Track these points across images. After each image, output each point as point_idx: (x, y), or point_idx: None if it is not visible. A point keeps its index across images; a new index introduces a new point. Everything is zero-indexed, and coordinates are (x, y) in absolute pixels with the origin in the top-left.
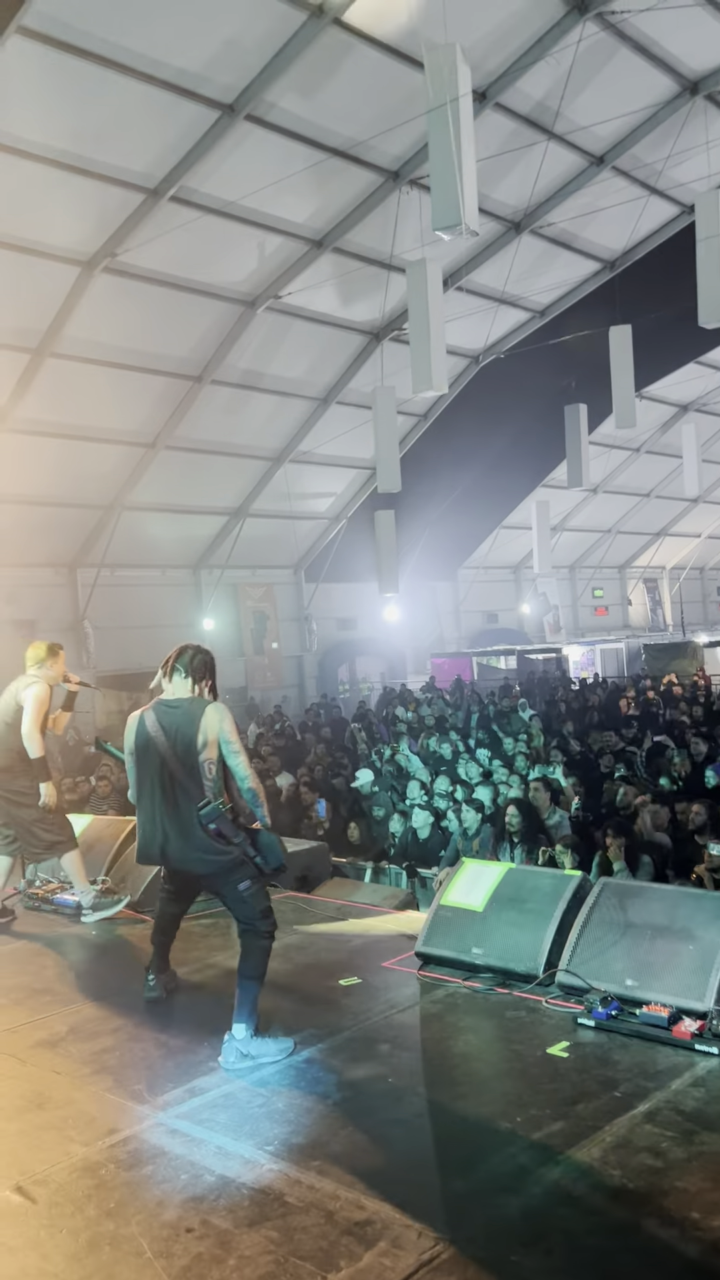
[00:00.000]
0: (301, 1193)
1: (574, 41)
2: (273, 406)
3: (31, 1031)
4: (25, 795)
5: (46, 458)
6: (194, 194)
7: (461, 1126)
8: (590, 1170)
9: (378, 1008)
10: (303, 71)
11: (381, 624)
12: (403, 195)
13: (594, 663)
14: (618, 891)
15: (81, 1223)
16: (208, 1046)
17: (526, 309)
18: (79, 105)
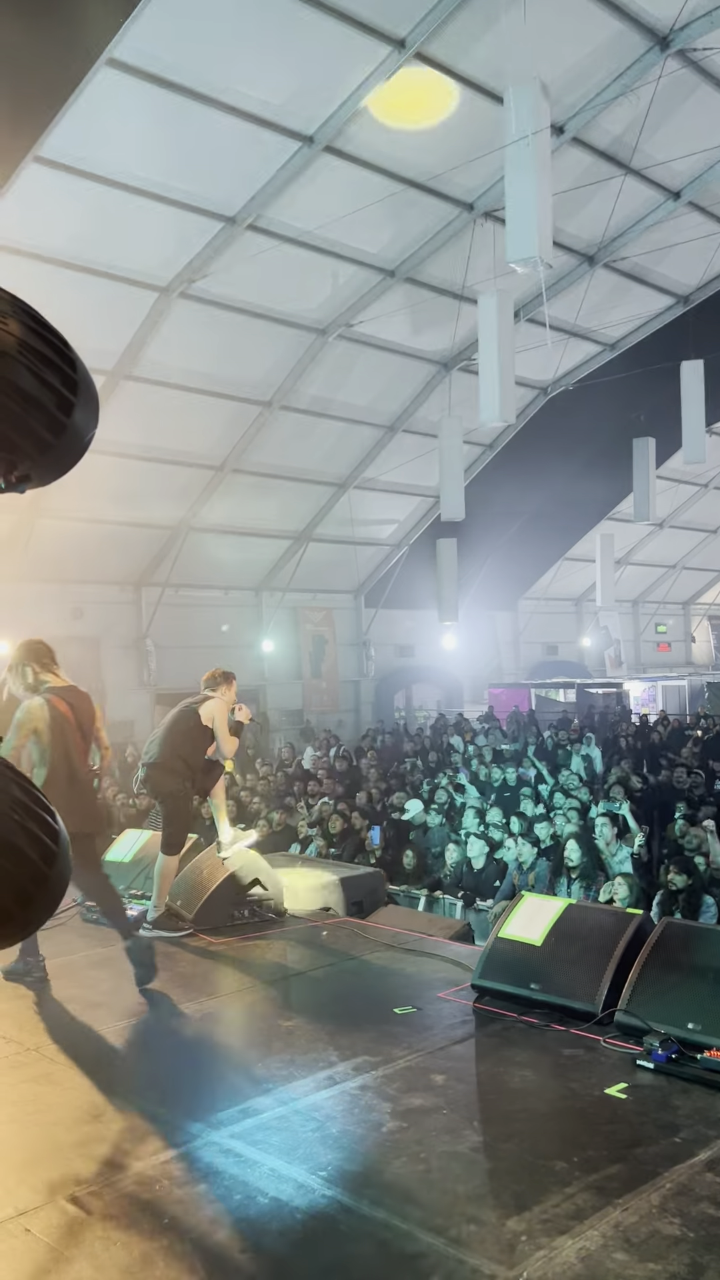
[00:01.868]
0: (355, 1221)
1: (654, 78)
2: (340, 433)
3: (88, 1044)
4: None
5: (118, 477)
6: (272, 223)
7: (517, 1163)
8: (649, 1216)
9: (433, 1038)
10: (383, 104)
11: (440, 652)
12: (477, 227)
13: (655, 699)
14: (680, 932)
15: (135, 1237)
16: (262, 1067)
17: (597, 342)
18: (164, 135)
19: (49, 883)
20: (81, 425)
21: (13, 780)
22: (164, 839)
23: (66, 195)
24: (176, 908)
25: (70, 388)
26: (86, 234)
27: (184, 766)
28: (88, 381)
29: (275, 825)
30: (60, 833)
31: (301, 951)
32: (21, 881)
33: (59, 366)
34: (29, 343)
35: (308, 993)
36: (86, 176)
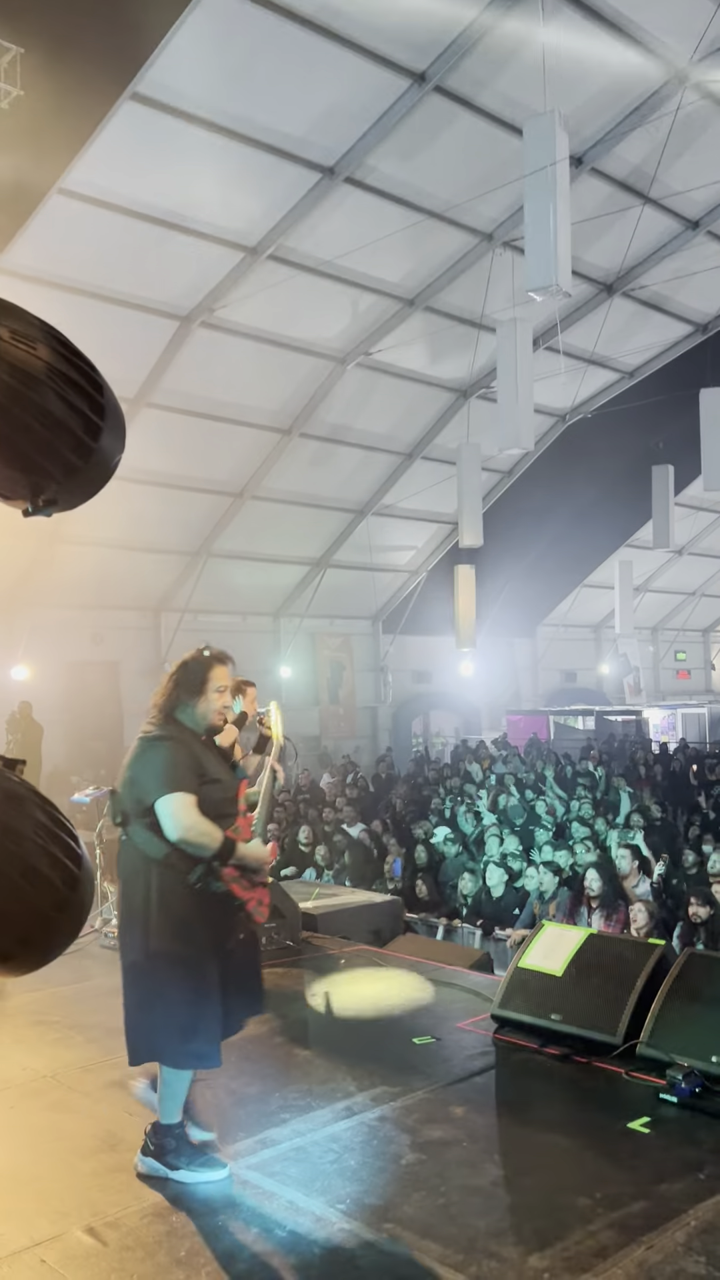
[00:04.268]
0: (373, 1256)
1: (672, 109)
2: (358, 460)
3: (105, 1071)
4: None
5: (137, 504)
6: (291, 253)
7: (538, 1199)
8: (674, 1255)
9: (452, 1069)
10: (403, 136)
11: (457, 678)
12: (496, 256)
13: (675, 727)
14: (703, 963)
15: (152, 1269)
16: (279, 1097)
17: (616, 370)
18: (185, 167)
19: (71, 907)
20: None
21: (36, 803)
22: None
23: (90, 226)
24: None
25: (98, 412)
26: (109, 264)
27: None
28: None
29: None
30: (83, 857)
31: (319, 980)
32: (44, 906)
33: (87, 391)
34: (57, 368)
35: (325, 1022)
36: (109, 208)
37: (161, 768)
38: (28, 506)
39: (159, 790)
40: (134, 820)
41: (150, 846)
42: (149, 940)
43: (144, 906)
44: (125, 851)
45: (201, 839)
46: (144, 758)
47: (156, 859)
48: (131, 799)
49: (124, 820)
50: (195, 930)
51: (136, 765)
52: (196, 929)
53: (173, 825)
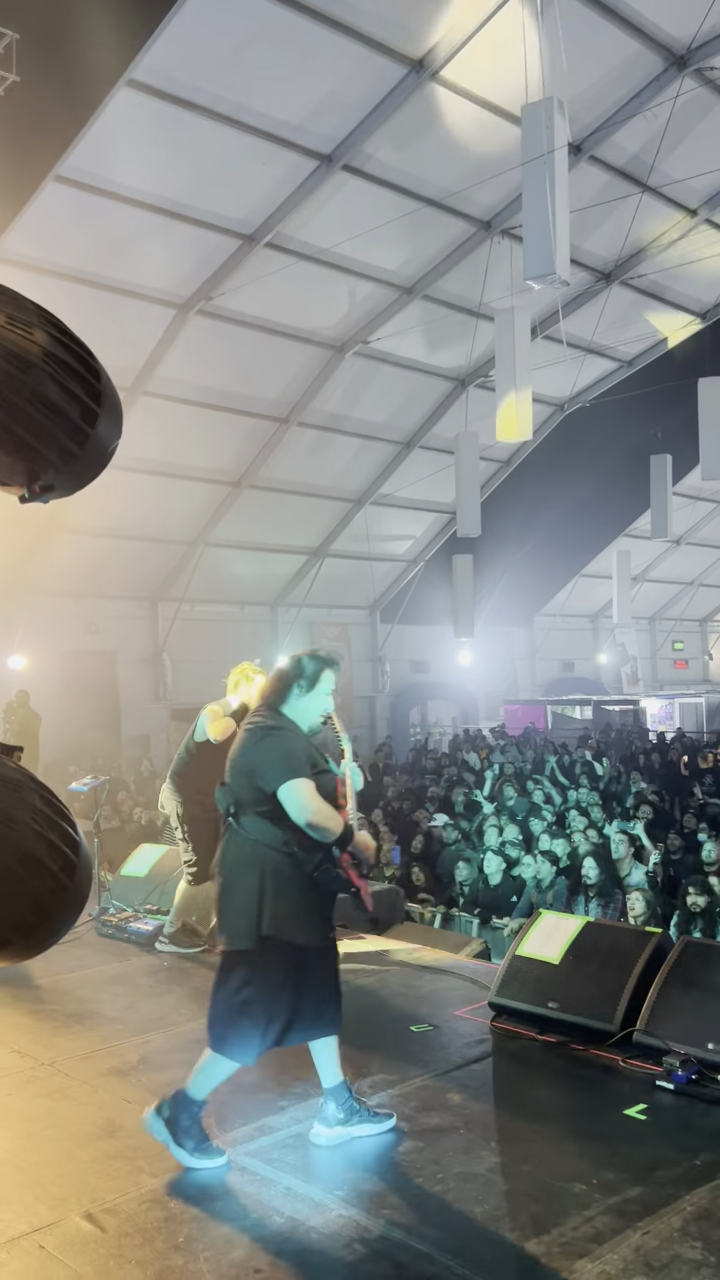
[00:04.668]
0: (371, 1242)
1: (671, 97)
2: (356, 449)
3: (103, 1059)
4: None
5: (134, 493)
6: (289, 240)
7: (535, 1185)
8: (670, 1240)
9: (450, 1057)
10: (400, 124)
11: (455, 668)
12: (494, 244)
13: (672, 716)
14: (700, 951)
15: (150, 1255)
16: (277, 1085)
17: (614, 359)
18: (182, 154)
19: (69, 895)
20: (105, 436)
21: (34, 789)
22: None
23: (86, 213)
24: (192, 924)
25: (95, 398)
26: (105, 251)
27: (193, 790)
28: (111, 393)
29: None
30: (81, 844)
31: None
32: (41, 893)
33: (84, 377)
34: (54, 353)
35: None
36: (106, 195)
37: (282, 755)
38: (24, 492)
39: (282, 776)
40: (248, 809)
41: (265, 835)
42: (260, 927)
43: (257, 895)
44: (234, 841)
45: (328, 823)
46: (261, 746)
47: (273, 847)
48: (248, 787)
49: (235, 810)
50: (307, 920)
51: (252, 753)
52: (308, 919)
53: (300, 810)
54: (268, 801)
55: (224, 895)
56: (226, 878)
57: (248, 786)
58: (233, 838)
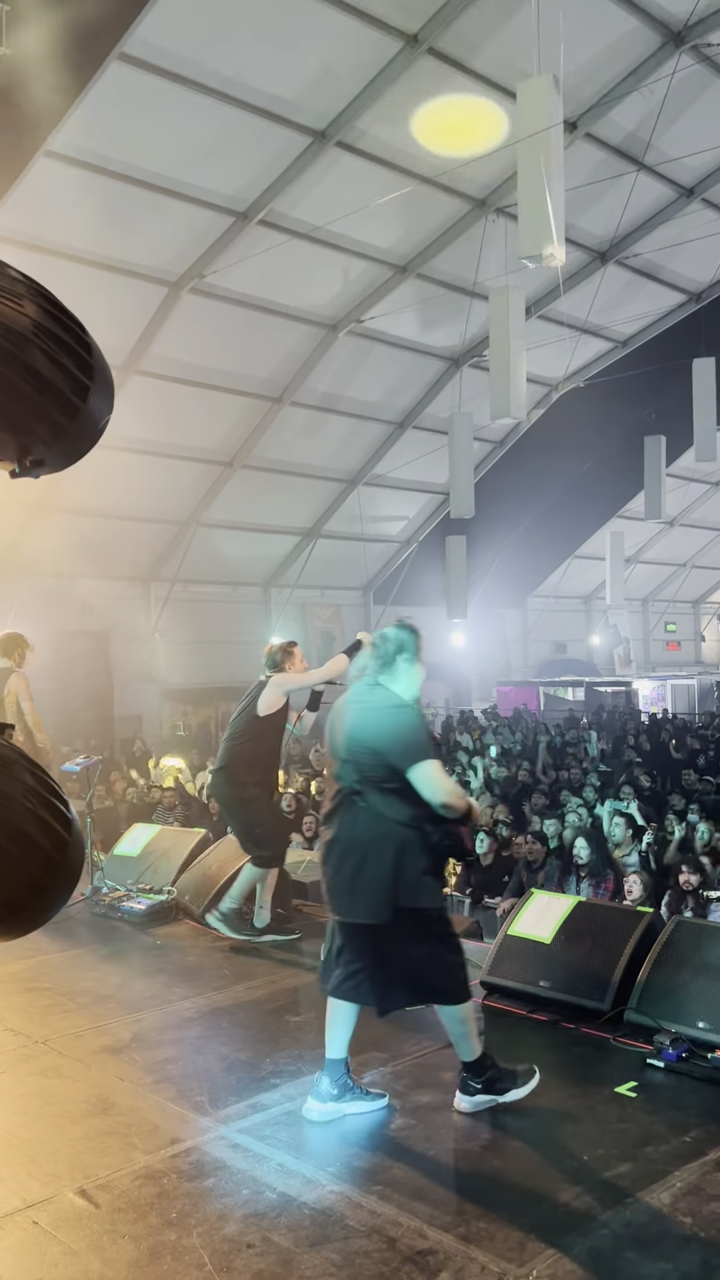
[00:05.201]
0: (363, 1217)
1: (668, 74)
2: (349, 429)
3: (96, 1037)
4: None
5: (126, 473)
6: (282, 218)
7: (527, 1161)
8: (660, 1215)
9: (441, 1034)
10: (395, 99)
11: (448, 649)
12: (489, 223)
13: (664, 698)
14: (691, 931)
15: (144, 1230)
16: (270, 1063)
17: (608, 339)
18: (174, 130)
19: (61, 872)
20: (96, 410)
21: (25, 766)
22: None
23: (77, 189)
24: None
25: (85, 372)
26: (97, 228)
27: (247, 769)
28: (103, 366)
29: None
30: (73, 821)
31: (310, 946)
32: (33, 871)
33: (74, 350)
34: (45, 326)
35: (316, 988)
36: (97, 171)
37: (412, 735)
38: (15, 468)
39: (415, 757)
40: (374, 786)
41: (394, 810)
42: (396, 898)
43: (392, 867)
44: (361, 817)
45: (458, 801)
46: (389, 724)
47: (401, 821)
48: (376, 764)
49: (361, 787)
50: (435, 886)
51: (379, 731)
52: (435, 885)
53: (434, 790)
54: (396, 778)
55: (353, 870)
56: (354, 853)
57: (376, 764)
58: (359, 814)
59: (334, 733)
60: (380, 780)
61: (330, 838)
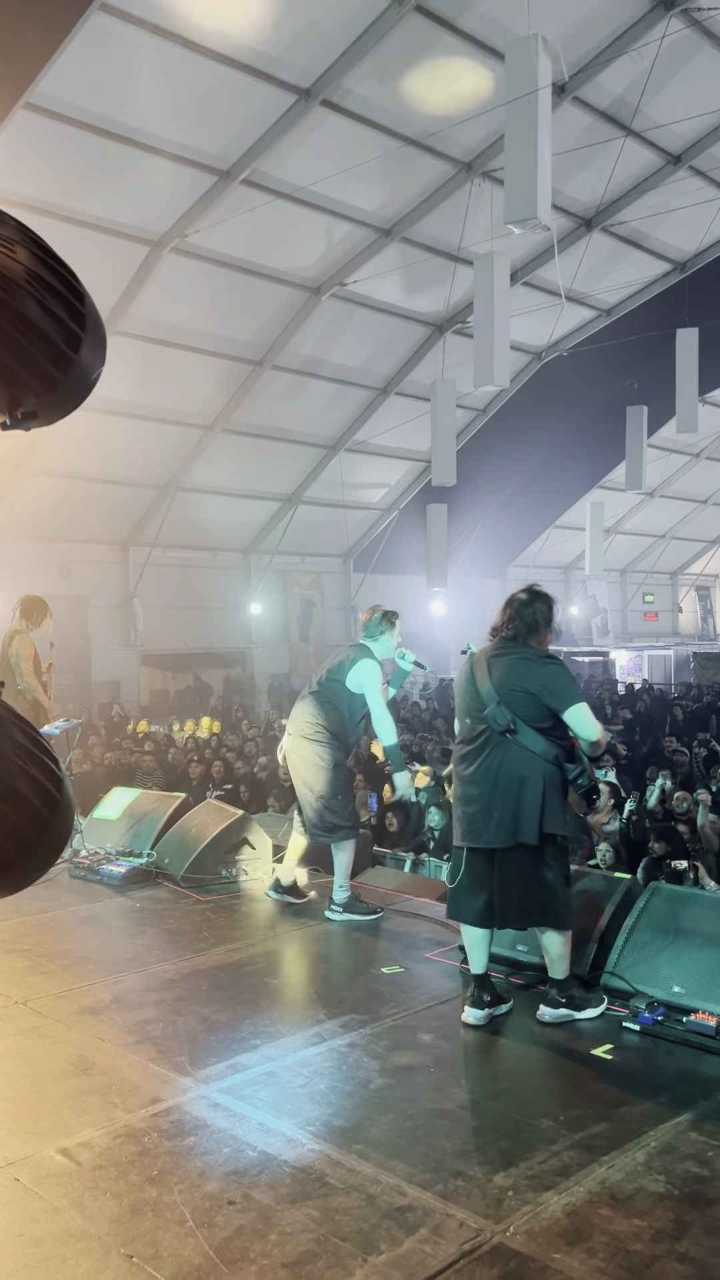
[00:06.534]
0: (342, 1175)
1: (657, 37)
2: (331, 394)
3: (76, 998)
4: (319, 768)
5: (105, 435)
6: (266, 178)
7: (504, 1121)
8: (634, 1174)
9: (420, 998)
10: (381, 58)
11: (427, 618)
12: (474, 187)
13: (641, 668)
14: (668, 897)
15: (125, 1187)
16: (250, 1024)
17: (593, 307)
18: (155, 84)
19: (52, 830)
20: (88, 362)
21: (15, 724)
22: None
23: (57, 143)
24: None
25: (78, 322)
26: (77, 184)
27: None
28: (95, 316)
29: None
30: (64, 779)
31: (289, 910)
32: (23, 828)
33: (67, 299)
34: (37, 273)
35: (296, 952)
36: (77, 125)
37: (568, 681)
38: (5, 419)
39: (573, 700)
40: (527, 725)
41: (542, 748)
42: (543, 825)
43: (540, 799)
44: (512, 752)
45: (604, 738)
46: (544, 671)
47: (548, 758)
48: (532, 705)
49: (512, 726)
50: (567, 818)
51: (541, 676)
52: (567, 817)
53: (591, 728)
54: (550, 719)
55: (509, 800)
56: (509, 785)
57: (532, 705)
58: (510, 750)
59: (475, 682)
60: (533, 720)
61: (474, 773)
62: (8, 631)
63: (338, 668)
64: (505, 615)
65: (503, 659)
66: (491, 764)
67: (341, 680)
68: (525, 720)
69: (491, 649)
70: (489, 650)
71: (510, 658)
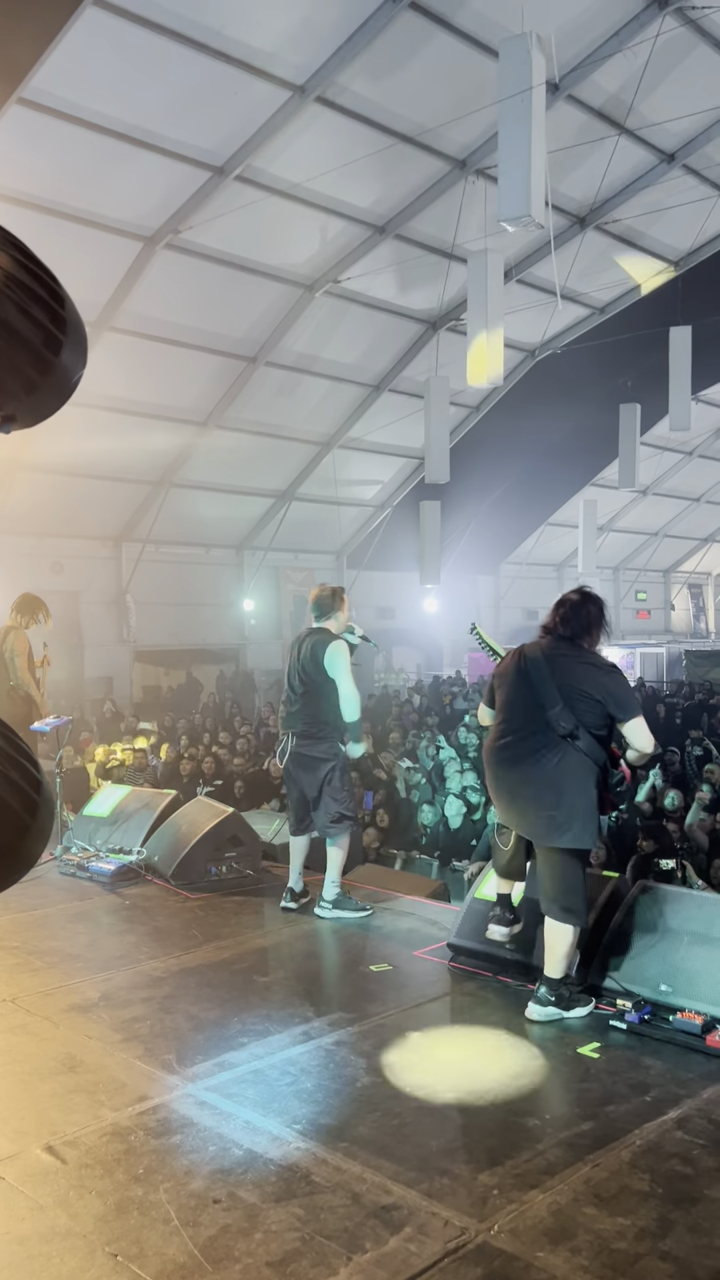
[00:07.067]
0: (328, 1173)
1: (651, 36)
2: (325, 391)
3: (64, 996)
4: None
5: (99, 431)
6: (260, 174)
7: (490, 1119)
8: (619, 1172)
9: (408, 996)
10: (376, 55)
11: (420, 615)
12: (468, 184)
13: (634, 666)
14: (655, 895)
15: (110, 1186)
16: (238, 1022)
17: (586, 305)
18: (150, 80)
19: (31, 834)
20: (69, 365)
21: None
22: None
23: (50, 138)
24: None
25: (59, 325)
26: (70, 179)
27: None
28: (76, 320)
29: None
30: (43, 782)
31: (279, 908)
32: (2, 832)
33: (47, 303)
34: (16, 277)
35: (284, 949)
36: (71, 120)
37: (631, 692)
38: None
39: (635, 711)
40: (586, 731)
41: (595, 753)
42: (592, 829)
43: (592, 803)
44: (570, 756)
45: (652, 753)
46: (610, 679)
47: (598, 763)
48: (594, 712)
49: (575, 731)
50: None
51: (606, 683)
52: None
53: (646, 740)
54: (605, 726)
55: (557, 800)
56: (560, 787)
57: (594, 711)
58: (568, 754)
59: (531, 677)
60: (593, 726)
61: (526, 771)
62: (3, 628)
63: (313, 662)
64: (559, 615)
65: (563, 660)
66: (547, 764)
67: (324, 671)
68: (589, 725)
69: (547, 646)
70: (545, 647)
71: (571, 660)
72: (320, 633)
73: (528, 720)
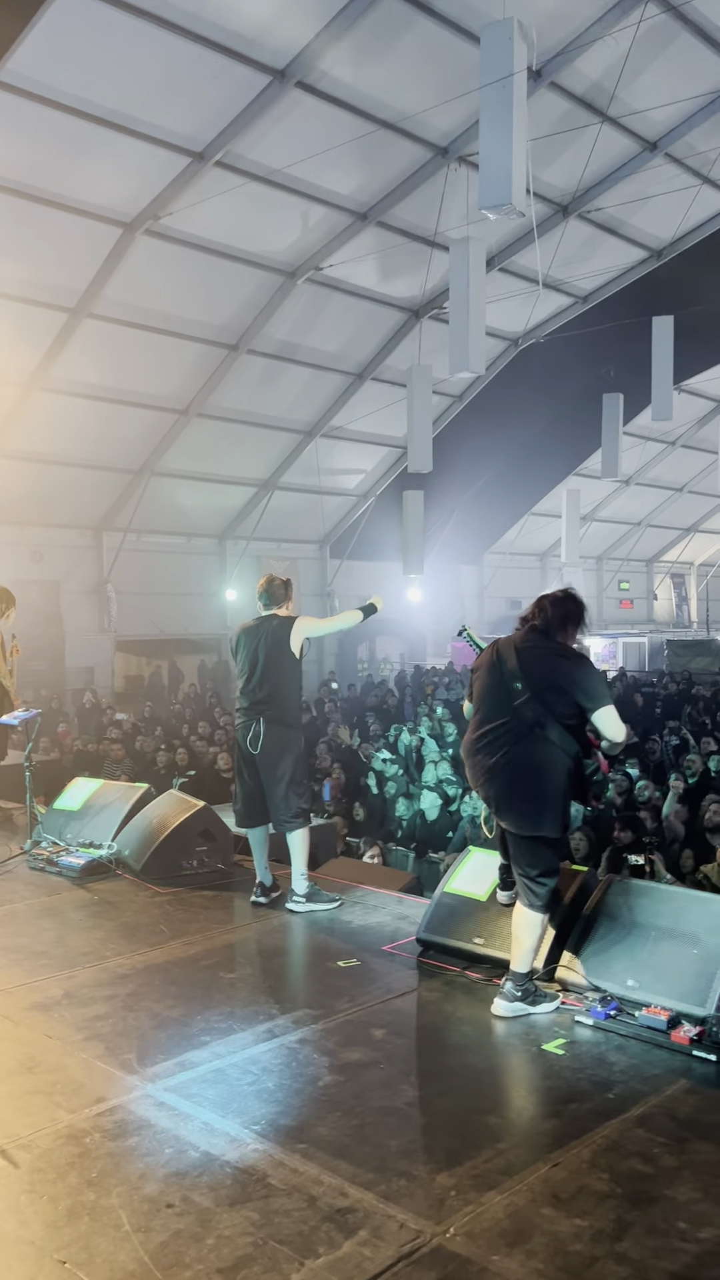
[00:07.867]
0: (285, 1175)
1: (634, 23)
2: (307, 379)
3: (26, 994)
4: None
5: (79, 419)
6: (240, 160)
7: (451, 1118)
8: (578, 1172)
9: (375, 991)
10: (357, 40)
11: (404, 605)
12: (450, 172)
13: (616, 655)
14: (624, 890)
15: (63, 1190)
16: (201, 1020)
17: (569, 294)
18: (129, 63)
19: None
20: None
21: None
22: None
23: (27, 122)
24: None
25: None
26: (48, 164)
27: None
28: None
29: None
30: None
31: (248, 903)
32: None
33: None
34: None
35: (252, 945)
36: (49, 104)
37: (600, 680)
38: None
39: (604, 700)
40: (556, 721)
41: (566, 743)
42: (560, 818)
43: (561, 791)
44: (539, 747)
45: (625, 741)
46: (578, 668)
47: (569, 754)
48: (564, 701)
49: (544, 721)
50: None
51: (576, 673)
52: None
53: (617, 730)
54: (577, 716)
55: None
56: (532, 776)
57: (564, 701)
58: (536, 744)
59: (503, 670)
60: (563, 716)
61: (497, 762)
62: None
63: (274, 641)
64: (536, 608)
65: (534, 651)
66: (517, 755)
67: (286, 649)
68: (555, 716)
69: (520, 638)
70: (517, 639)
71: (540, 650)
72: (275, 619)
73: (499, 711)
